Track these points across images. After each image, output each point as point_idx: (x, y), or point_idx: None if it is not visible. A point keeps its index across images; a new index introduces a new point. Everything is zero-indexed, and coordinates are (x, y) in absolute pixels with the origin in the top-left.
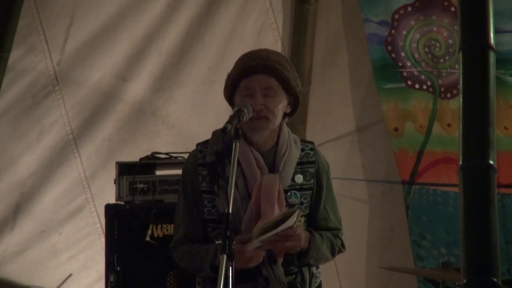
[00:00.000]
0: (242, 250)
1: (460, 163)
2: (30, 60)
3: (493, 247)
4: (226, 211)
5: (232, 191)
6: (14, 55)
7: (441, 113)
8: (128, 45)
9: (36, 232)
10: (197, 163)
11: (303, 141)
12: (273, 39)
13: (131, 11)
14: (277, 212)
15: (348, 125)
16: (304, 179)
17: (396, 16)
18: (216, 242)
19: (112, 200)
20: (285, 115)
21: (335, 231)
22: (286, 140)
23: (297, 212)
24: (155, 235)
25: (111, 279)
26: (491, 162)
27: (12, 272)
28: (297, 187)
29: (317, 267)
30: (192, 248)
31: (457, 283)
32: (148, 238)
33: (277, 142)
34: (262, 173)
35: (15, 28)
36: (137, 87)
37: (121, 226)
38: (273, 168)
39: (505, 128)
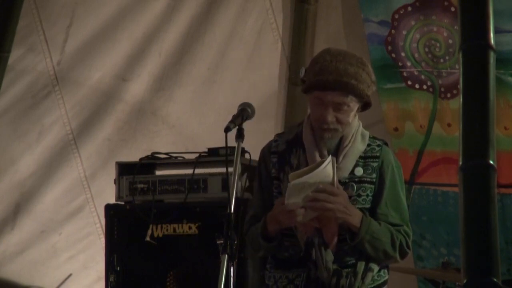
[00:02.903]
0: (281, 202)
1: (460, 163)
2: (30, 60)
3: (493, 247)
4: (228, 211)
5: (235, 191)
6: (14, 55)
7: (441, 113)
8: (128, 45)
9: (36, 232)
10: (271, 151)
11: (375, 138)
12: (273, 39)
13: (131, 11)
14: None
15: None
16: (364, 172)
17: (396, 16)
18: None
19: (112, 200)
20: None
21: (397, 226)
22: (351, 134)
23: (329, 158)
24: (155, 235)
25: (111, 279)
26: (491, 162)
27: (12, 272)
28: (356, 179)
29: (384, 267)
30: (252, 228)
31: (457, 283)
32: (148, 238)
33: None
34: None
35: (15, 28)
36: (137, 87)
37: (121, 226)
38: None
39: (505, 128)
